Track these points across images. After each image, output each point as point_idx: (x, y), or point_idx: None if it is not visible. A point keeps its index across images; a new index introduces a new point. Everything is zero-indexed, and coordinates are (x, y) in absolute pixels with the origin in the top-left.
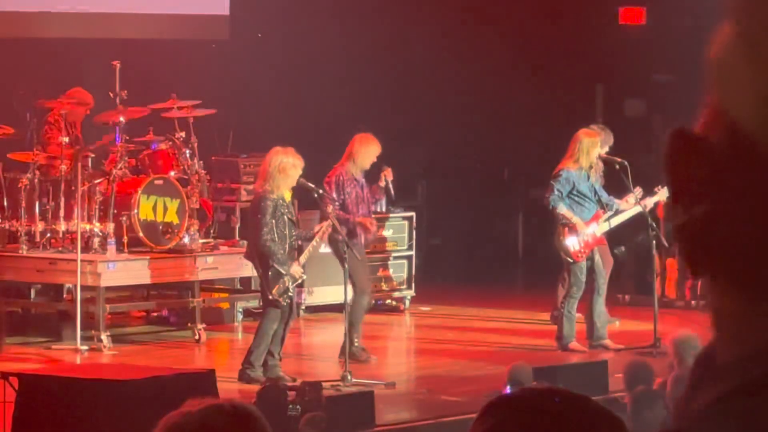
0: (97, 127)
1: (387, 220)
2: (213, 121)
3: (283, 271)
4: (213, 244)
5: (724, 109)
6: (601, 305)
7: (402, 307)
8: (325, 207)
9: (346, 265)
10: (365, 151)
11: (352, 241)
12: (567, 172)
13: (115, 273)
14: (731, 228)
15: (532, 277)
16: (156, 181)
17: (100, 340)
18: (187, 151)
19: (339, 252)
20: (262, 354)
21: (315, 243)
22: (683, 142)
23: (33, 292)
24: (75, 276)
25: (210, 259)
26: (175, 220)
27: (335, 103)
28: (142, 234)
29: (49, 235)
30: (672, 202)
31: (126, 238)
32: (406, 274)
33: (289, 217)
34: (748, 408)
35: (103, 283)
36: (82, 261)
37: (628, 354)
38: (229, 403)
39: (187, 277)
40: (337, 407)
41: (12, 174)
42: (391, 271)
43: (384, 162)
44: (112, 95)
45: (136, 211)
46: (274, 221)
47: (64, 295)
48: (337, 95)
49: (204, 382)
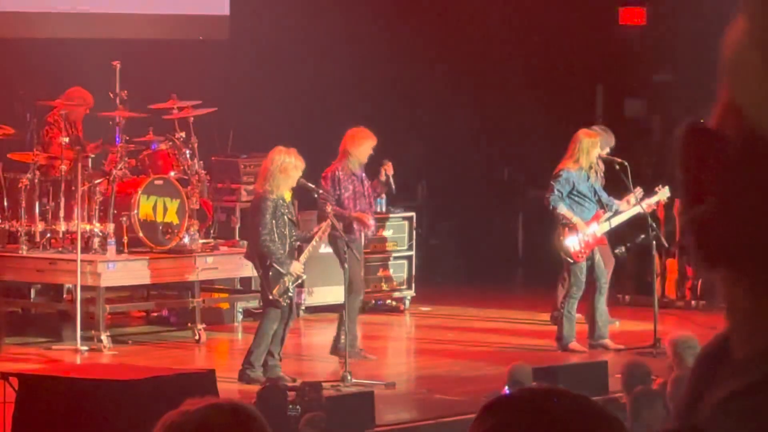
0: (98, 124)
1: (387, 220)
2: (213, 121)
3: (283, 271)
4: (213, 244)
5: (738, 104)
6: (602, 305)
7: (402, 307)
8: (325, 207)
9: (346, 266)
10: (360, 145)
11: (351, 238)
12: (567, 172)
13: (115, 273)
14: (743, 223)
15: (532, 277)
16: (156, 182)
17: (100, 341)
18: (187, 152)
19: (339, 251)
20: (262, 354)
21: (315, 243)
22: (697, 136)
23: (33, 292)
24: (75, 276)
25: (210, 259)
26: (175, 221)
27: (335, 102)
28: (142, 234)
29: (49, 235)
30: (684, 196)
31: (126, 238)
32: (406, 275)
33: (290, 217)
34: (759, 405)
35: (103, 283)
36: (82, 261)
37: (628, 354)
38: (228, 403)
39: (187, 277)
40: (337, 407)
41: (12, 174)
42: (391, 271)
43: (383, 156)
44: (112, 95)
45: (136, 211)
46: (274, 221)
47: (64, 295)
48: (337, 95)
49: (204, 382)
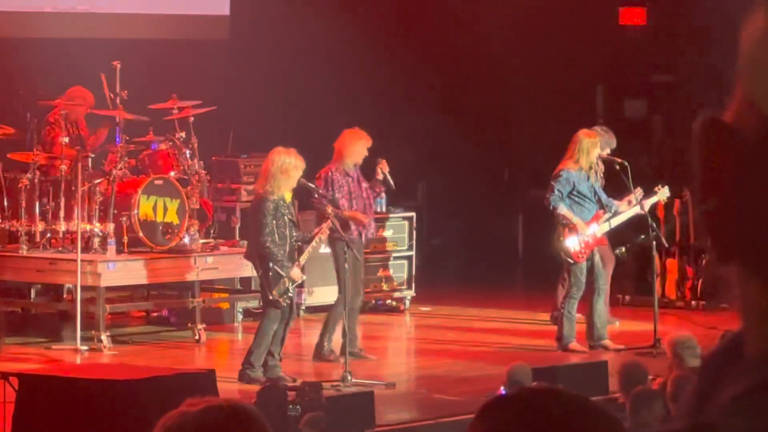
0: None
1: (387, 220)
2: (213, 121)
3: (283, 272)
4: (213, 244)
5: (754, 99)
6: (601, 305)
7: (402, 307)
8: (326, 207)
9: (346, 265)
10: (354, 146)
11: (350, 238)
12: (567, 172)
13: (115, 273)
14: (757, 218)
15: (532, 277)
16: (156, 182)
17: (100, 340)
18: (187, 152)
19: (337, 254)
20: (262, 354)
21: (315, 244)
22: (713, 131)
23: (33, 292)
24: (75, 276)
25: (210, 259)
26: (175, 221)
27: (336, 103)
28: (142, 234)
29: (49, 235)
30: (699, 190)
31: (126, 238)
32: (406, 275)
33: (290, 217)
34: None
35: (103, 283)
36: (82, 261)
37: (628, 354)
38: (228, 403)
39: (187, 277)
40: (337, 407)
41: (12, 174)
42: (392, 272)
43: (378, 155)
44: (112, 95)
45: (136, 211)
46: (274, 222)
47: (64, 295)
48: (337, 95)
49: (204, 382)
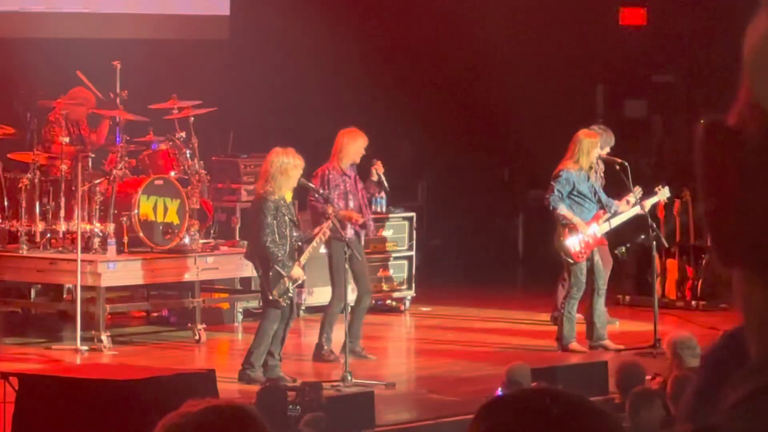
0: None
1: (387, 220)
2: (213, 121)
3: (283, 272)
4: (213, 244)
5: (758, 102)
6: (601, 306)
7: (402, 307)
8: (326, 208)
9: (346, 266)
10: (352, 146)
11: (349, 238)
12: (567, 172)
13: (115, 273)
14: (759, 220)
15: (532, 277)
16: (156, 182)
17: (100, 341)
18: (188, 152)
19: (334, 254)
20: (262, 354)
21: (315, 244)
22: (717, 133)
23: (33, 292)
24: (75, 276)
25: (210, 259)
26: (176, 221)
27: (335, 103)
28: (142, 234)
29: (49, 235)
30: (702, 191)
31: (126, 238)
32: (406, 275)
33: (290, 218)
34: None
35: (103, 283)
36: (82, 261)
37: (628, 354)
38: (228, 404)
39: (187, 277)
40: (337, 407)
41: (12, 174)
42: (391, 272)
43: (374, 156)
44: (112, 95)
45: (136, 211)
46: (275, 222)
47: (64, 295)
48: (337, 95)
49: (204, 383)
